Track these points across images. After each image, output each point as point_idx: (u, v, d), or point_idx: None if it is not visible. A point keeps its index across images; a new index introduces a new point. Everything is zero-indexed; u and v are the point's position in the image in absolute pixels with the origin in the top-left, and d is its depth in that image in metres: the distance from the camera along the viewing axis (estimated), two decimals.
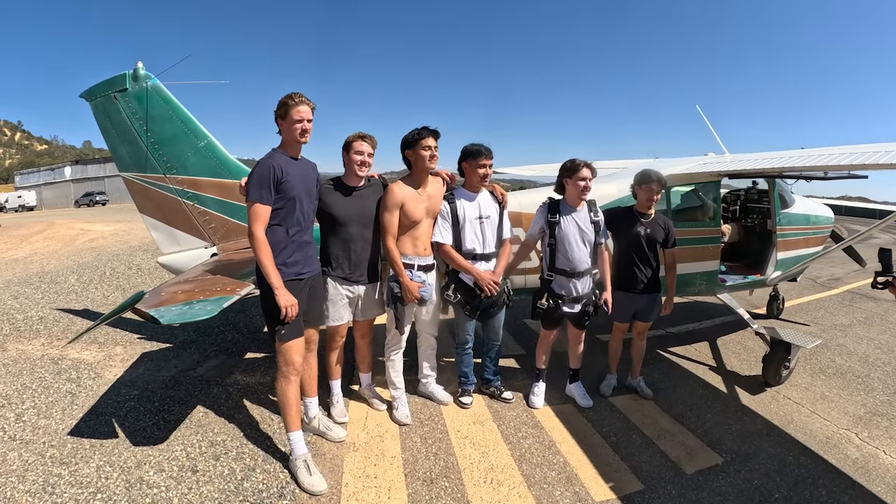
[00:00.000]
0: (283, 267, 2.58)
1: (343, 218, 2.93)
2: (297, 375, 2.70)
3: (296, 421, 2.72)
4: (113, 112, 3.85)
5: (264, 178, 2.49)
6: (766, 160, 4.11)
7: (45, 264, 8.74)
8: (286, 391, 2.68)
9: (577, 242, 3.25)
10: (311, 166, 2.81)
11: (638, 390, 3.79)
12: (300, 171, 2.67)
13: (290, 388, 2.68)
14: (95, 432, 3.11)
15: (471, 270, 3.17)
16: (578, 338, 3.59)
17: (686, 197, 4.71)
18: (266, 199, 2.50)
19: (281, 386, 2.68)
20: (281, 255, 2.58)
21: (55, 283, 7.28)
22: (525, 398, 3.65)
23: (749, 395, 3.90)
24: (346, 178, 3.01)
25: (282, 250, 2.59)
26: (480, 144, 3.18)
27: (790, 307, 6.47)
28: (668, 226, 3.51)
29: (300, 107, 2.54)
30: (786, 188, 5.51)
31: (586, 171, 3.21)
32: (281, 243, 2.59)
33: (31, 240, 11.58)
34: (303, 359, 2.74)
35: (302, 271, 2.68)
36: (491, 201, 3.29)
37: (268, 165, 2.53)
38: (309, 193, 2.72)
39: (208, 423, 3.24)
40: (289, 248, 2.62)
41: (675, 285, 3.65)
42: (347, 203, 2.94)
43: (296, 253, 2.65)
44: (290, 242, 2.62)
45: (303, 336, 2.71)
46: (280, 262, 2.56)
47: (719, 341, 5.17)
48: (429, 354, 3.50)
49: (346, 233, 2.95)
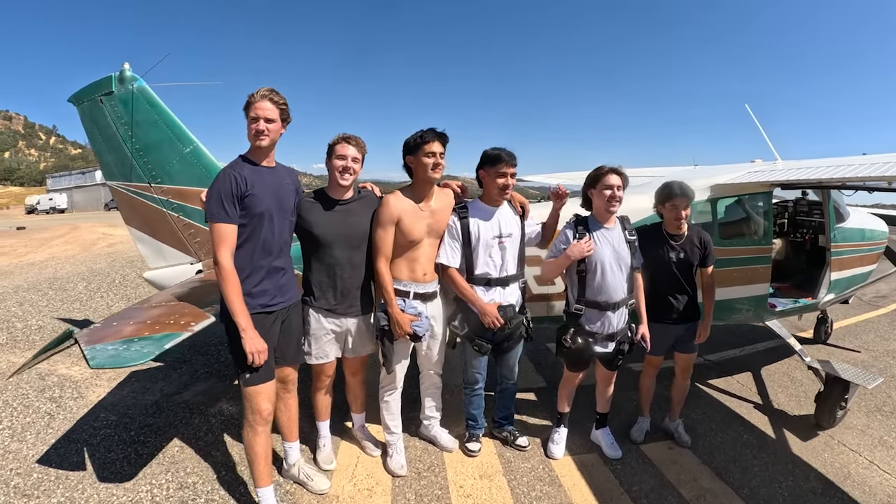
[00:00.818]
0: (248, 297, 2.19)
1: (326, 238, 2.50)
2: (265, 425, 2.32)
3: (265, 476, 2.36)
4: (99, 117, 3.61)
5: (225, 191, 2.11)
6: (827, 168, 3.50)
7: (58, 269, 8.75)
8: (252, 443, 2.32)
9: (611, 267, 2.68)
10: (286, 175, 2.40)
11: (675, 436, 3.25)
12: (271, 181, 2.27)
13: (257, 439, 2.31)
14: (64, 462, 2.93)
15: (473, 301, 2.67)
16: (608, 380, 3.05)
17: (731, 210, 4.13)
18: (231, 216, 2.12)
19: (247, 436, 2.32)
20: (245, 284, 2.19)
21: (63, 290, 7.22)
22: (543, 445, 3.14)
23: (800, 441, 3.36)
24: (330, 189, 2.55)
25: (246, 278, 2.20)
26: (502, 149, 2.66)
27: (835, 329, 5.79)
28: (705, 242, 2.96)
29: (259, 103, 2.16)
30: (841, 200, 4.89)
31: (613, 177, 2.64)
32: (244, 269, 2.20)
33: (51, 243, 11.75)
34: (273, 405, 2.36)
35: (271, 302, 2.30)
36: (512, 216, 2.77)
37: (228, 176, 2.14)
38: (282, 208, 2.31)
39: (182, 461, 2.96)
40: (254, 276, 2.24)
41: (712, 310, 3.08)
42: (332, 220, 2.50)
43: (264, 281, 2.26)
44: (255, 268, 2.24)
45: (272, 379, 2.34)
46: (244, 293, 2.18)
47: (764, 371, 4.60)
48: (432, 393, 3.03)
49: (331, 256, 2.52)
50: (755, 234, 3.96)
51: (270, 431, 2.41)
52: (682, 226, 2.93)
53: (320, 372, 2.74)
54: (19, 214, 31.92)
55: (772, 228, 3.98)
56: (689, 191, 2.85)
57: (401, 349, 2.74)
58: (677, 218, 2.87)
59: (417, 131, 2.56)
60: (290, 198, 2.39)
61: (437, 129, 2.55)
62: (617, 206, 2.68)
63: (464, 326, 2.75)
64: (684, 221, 2.91)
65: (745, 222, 4.09)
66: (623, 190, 2.67)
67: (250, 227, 2.20)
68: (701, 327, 3.09)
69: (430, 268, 2.68)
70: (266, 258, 2.26)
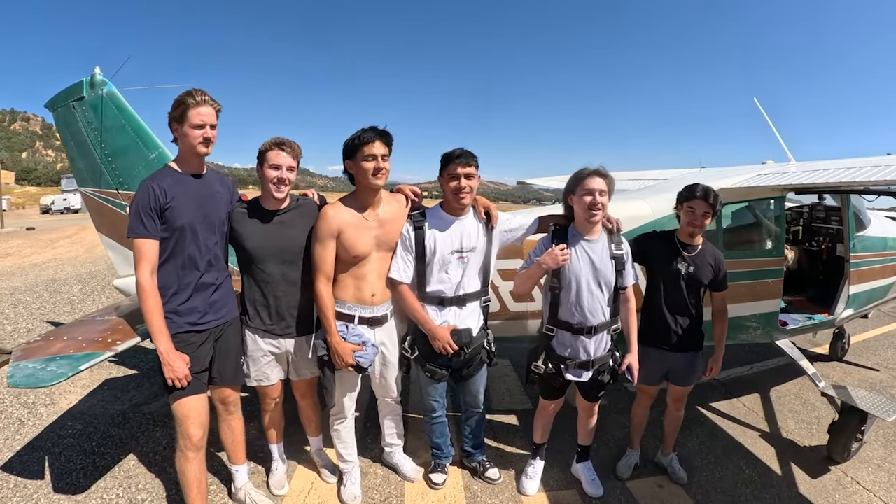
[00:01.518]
0: (174, 316, 2.04)
1: (258, 253, 2.27)
2: (196, 451, 2.16)
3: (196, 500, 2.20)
4: (71, 122, 3.57)
5: (143, 204, 1.96)
6: (848, 171, 3.10)
7: (58, 271, 8.84)
8: (184, 469, 2.16)
9: (588, 285, 2.34)
10: (218, 182, 2.23)
11: (669, 471, 2.94)
12: (196, 190, 2.10)
13: (188, 466, 2.15)
14: (25, 470, 2.94)
15: (423, 324, 2.38)
16: (589, 411, 2.73)
17: (739, 217, 3.78)
18: (150, 231, 1.97)
19: (178, 462, 2.18)
20: (171, 302, 2.04)
21: (58, 292, 7.26)
22: (517, 478, 2.86)
23: (809, 477, 3.03)
24: (264, 200, 2.30)
25: (172, 295, 2.05)
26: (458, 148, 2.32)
27: (852, 344, 5.36)
28: (718, 261, 2.60)
29: (201, 108, 2.00)
30: (861, 205, 4.49)
31: (596, 180, 2.24)
32: (170, 286, 2.05)
33: (57, 244, 11.95)
34: (205, 431, 2.19)
35: (201, 321, 2.13)
36: (478, 227, 2.42)
37: (146, 189, 1.98)
38: (208, 220, 2.13)
39: (136, 475, 2.90)
40: (182, 293, 2.08)
41: (724, 342, 2.71)
42: (264, 233, 2.27)
43: (192, 298, 2.09)
44: (183, 286, 2.08)
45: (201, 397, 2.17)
46: (169, 311, 2.03)
47: (773, 393, 4.24)
48: (392, 419, 2.79)
49: (263, 272, 2.29)
50: (766, 244, 3.61)
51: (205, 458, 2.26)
52: (696, 235, 2.57)
53: (264, 395, 2.54)
54: (34, 214, 32.80)
55: (784, 238, 3.62)
56: (712, 196, 2.47)
57: (346, 379, 2.47)
58: (692, 223, 2.50)
59: (357, 130, 2.24)
60: (220, 207, 2.20)
61: (378, 126, 2.23)
62: (599, 215, 2.29)
63: (414, 350, 2.46)
64: (699, 231, 2.54)
65: (755, 231, 3.74)
66: (608, 196, 2.29)
67: (173, 240, 2.04)
68: (711, 361, 2.72)
69: (379, 287, 2.38)
70: (192, 273, 2.09)
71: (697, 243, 2.59)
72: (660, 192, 3.54)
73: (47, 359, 2.04)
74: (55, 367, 1.99)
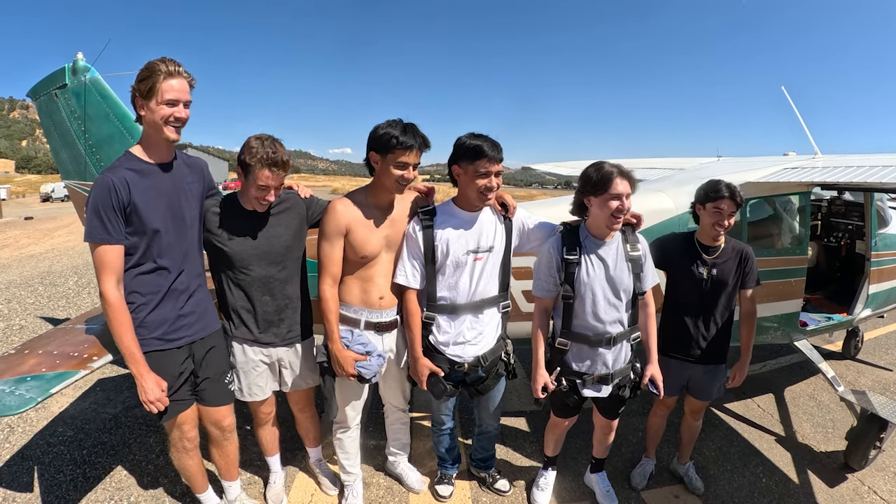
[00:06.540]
0: (142, 330, 1.80)
1: (240, 256, 2.04)
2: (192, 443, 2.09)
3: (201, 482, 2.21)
4: (54, 111, 3.39)
5: (104, 203, 1.65)
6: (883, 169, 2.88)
7: (55, 262, 8.69)
8: (185, 463, 2.11)
9: (605, 293, 2.09)
10: (189, 170, 1.93)
11: (685, 481, 2.81)
12: (165, 184, 1.80)
13: (188, 459, 2.10)
14: (13, 482, 2.82)
15: (410, 345, 2.18)
16: (607, 427, 2.51)
17: (761, 213, 3.58)
18: (114, 235, 1.68)
19: (177, 459, 2.11)
20: (136, 312, 1.78)
21: (54, 285, 7.12)
22: (527, 488, 2.73)
23: (826, 486, 2.92)
24: (245, 200, 2.06)
25: (140, 305, 1.80)
26: (484, 138, 1.98)
27: (865, 342, 5.20)
28: (747, 257, 2.38)
29: (173, 80, 1.66)
30: (883, 202, 4.31)
31: (622, 183, 1.96)
32: (141, 294, 1.82)
33: (54, 234, 11.79)
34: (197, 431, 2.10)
35: (171, 334, 1.89)
36: (495, 224, 2.15)
37: (105, 184, 1.66)
38: (179, 217, 1.85)
39: (127, 487, 2.77)
40: (149, 302, 1.82)
41: (751, 347, 2.50)
42: (245, 233, 2.04)
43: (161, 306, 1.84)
44: (150, 293, 1.82)
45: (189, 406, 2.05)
46: (138, 325, 1.78)
47: (787, 393, 4.12)
48: (398, 428, 2.64)
49: (247, 277, 2.07)
50: (789, 241, 3.44)
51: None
52: (720, 237, 2.36)
53: (256, 409, 2.38)
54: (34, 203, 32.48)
55: (808, 236, 3.43)
56: (738, 194, 2.26)
57: (349, 387, 2.27)
58: (718, 224, 2.27)
59: (393, 124, 1.94)
60: (192, 201, 1.92)
61: (419, 129, 1.95)
62: (621, 222, 2.05)
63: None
64: (725, 232, 2.33)
65: (779, 227, 3.56)
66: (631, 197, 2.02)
67: (141, 246, 1.77)
68: (736, 368, 2.52)
69: (388, 290, 2.18)
70: (162, 278, 1.84)
71: (720, 244, 2.40)
72: (681, 185, 3.33)
73: (17, 379, 1.87)
74: (24, 391, 1.81)
